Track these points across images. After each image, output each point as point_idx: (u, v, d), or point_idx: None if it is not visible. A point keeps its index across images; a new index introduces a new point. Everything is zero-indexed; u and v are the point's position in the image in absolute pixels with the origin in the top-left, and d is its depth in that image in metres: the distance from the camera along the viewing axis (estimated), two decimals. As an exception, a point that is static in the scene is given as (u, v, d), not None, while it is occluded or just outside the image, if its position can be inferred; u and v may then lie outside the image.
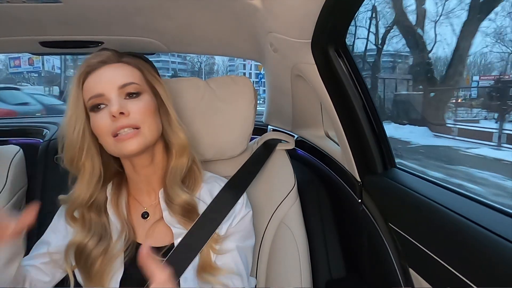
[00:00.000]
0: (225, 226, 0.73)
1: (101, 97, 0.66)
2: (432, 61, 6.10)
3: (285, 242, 0.91)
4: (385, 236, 0.77)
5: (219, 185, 0.78)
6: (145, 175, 0.73)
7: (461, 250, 0.56)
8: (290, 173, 0.96)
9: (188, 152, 0.74)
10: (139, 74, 0.71)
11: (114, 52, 0.71)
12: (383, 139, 0.83)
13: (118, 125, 0.64)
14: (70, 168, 0.71)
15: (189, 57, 30.62)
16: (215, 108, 0.90)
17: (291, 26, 0.68)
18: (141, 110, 0.66)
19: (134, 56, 0.74)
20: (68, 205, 0.72)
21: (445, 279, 0.58)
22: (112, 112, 0.63)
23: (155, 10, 0.80)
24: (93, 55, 0.70)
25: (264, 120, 1.34)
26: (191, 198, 0.72)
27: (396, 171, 0.84)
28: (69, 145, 0.69)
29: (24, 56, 13.34)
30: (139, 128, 0.65)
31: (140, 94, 0.68)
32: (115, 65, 0.69)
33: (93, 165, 0.70)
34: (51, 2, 0.74)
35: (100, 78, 0.67)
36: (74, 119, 0.67)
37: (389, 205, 0.79)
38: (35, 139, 1.36)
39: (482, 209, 0.60)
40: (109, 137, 0.65)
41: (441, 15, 5.83)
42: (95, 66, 0.68)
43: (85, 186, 0.70)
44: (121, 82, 0.66)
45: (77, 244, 0.70)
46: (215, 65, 30.04)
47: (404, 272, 0.72)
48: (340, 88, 0.78)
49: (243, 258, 0.73)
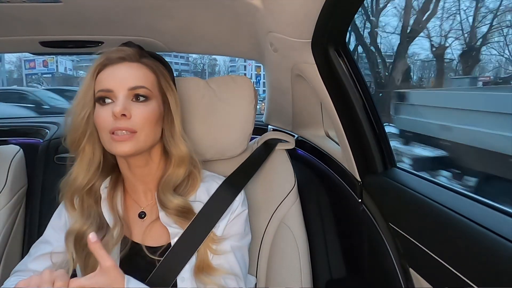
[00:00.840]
0: (222, 225, 0.73)
1: (109, 93, 0.67)
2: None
3: (285, 242, 0.91)
4: (385, 236, 0.77)
5: (216, 183, 0.77)
6: (140, 175, 0.73)
7: (462, 250, 0.56)
8: (290, 173, 0.96)
9: (186, 164, 0.73)
10: (154, 79, 0.71)
11: (137, 50, 0.72)
12: (383, 139, 0.83)
13: (117, 125, 0.64)
14: (70, 149, 0.72)
15: (192, 58, 31.46)
16: (215, 108, 0.90)
17: (291, 26, 0.68)
18: (143, 116, 0.66)
19: (155, 59, 0.74)
20: (66, 188, 0.72)
21: (445, 278, 0.58)
22: (115, 111, 0.64)
23: (155, 10, 0.80)
24: (115, 49, 0.71)
25: (264, 120, 1.34)
26: (184, 201, 0.72)
27: (397, 171, 0.84)
28: (73, 128, 0.70)
29: (38, 59, 13.74)
30: (136, 133, 0.66)
31: (148, 100, 0.68)
32: (133, 64, 0.70)
33: (93, 151, 0.71)
34: (51, 2, 0.74)
35: (114, 74, 0.68)
36: (82, 105, 0.68)
37: (390, 205, 0.79)
38: (35, 139, 1.36)
39: (483, 208, 0.60)
40: (106, 133, 0.66)
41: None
42: (113, 60, 0.69)
43: (84, 170, 0.71)
44: (133, 84, 0.67)
45: (76, 231, 0.70)
46: (217, 66, 30.49)
47: (404, 272, 0.72)
48: (340, 88, 0.78)
49: (239, 258, 0.73)
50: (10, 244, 1.11)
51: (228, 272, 0.70)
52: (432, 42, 7.51)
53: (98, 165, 0.72)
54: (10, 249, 1.10)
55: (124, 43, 0.75)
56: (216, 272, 0.69)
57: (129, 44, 0.74)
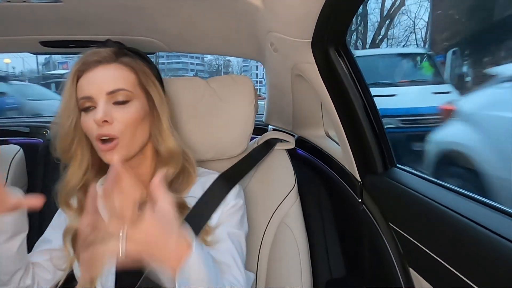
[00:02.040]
0: (216, 216, 0.72)
1: (90, 100, 0.66)
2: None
3: (285, 241, 0.91)
4: (386, 236, 0.77)
5: (211, 178, 0.77)
6: (135, 175, 0.73)
7: (462, 250, 0.56)
8: (290, 172, 0.96)
9: (176, 161, 0.72)
10: (133, 78, 0.69)
11: (114, 49, 0.70)
12: (383, 138, 0.83)
13: (100, 131, 0.65)
14: (62, 158, 0.72)
15: (207, 58, 33.19)
16: (215, 108, 0.90)
17: (291, 25, 0.68)
18: (125, 119, 0.66)
19: (135, 55, 0.72)
20: (61, 190, 0.72)
21: (446, 279, 0.58)
22: (95, 119, 0.64)
23: (156, 9, 0.81)
24: (91, 52, 0.69)
25: (264, 120, 1.34)
26: (177, 198, 0.71)
27: (397, 170, 0.83)
28: (62, 137, 0.70)
29: (71, 61, 14.06)
30: (118, 139, 0.65)
31: (128, 102, 0.67)
32: (110, 66, 0.68)
33: (82, 154, 0.71)
34: (52, 2, 0.74)
35: (92, 80, 0.67)
36: (67, 114, 0.68)
37: (390, 205, 0.79)
38: (35, 139, 1.36)
39: (483, 209, 0.60)
40: (94, 140, 0.67)
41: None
42: (90, 65, 0.67)
43: (76, 171, 0.71)
44: (111, 88, 0.66)
45: (74, 229, 0.70)
46: (230, 66, 31.07)
47: (405, 272, 0.72)
48: (341, 87, 0.78)
49: (237, 244, 0.71)
50: (10, 244, 1.11)
51: (228, 262, 0.68)
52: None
53: (87, 166, 0.72)
54: (10, 249, 1.10)
55: (103, 42, 0.74)
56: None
57: (107, 43, 0.73)
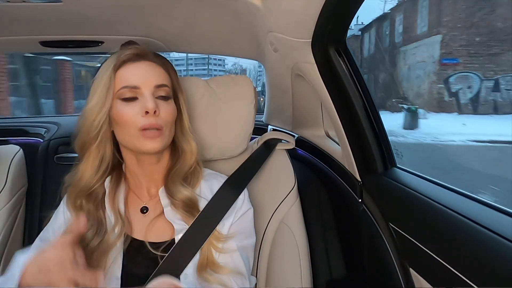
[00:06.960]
0: (227, 224, 0.73)
1: (136, 90, 0.67)
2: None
3: (285, 242, 0.91)
4: (386, 236, 0.77)
5: (218, 181, 0.78)
6: (150, 172, 0.75)
7: (462, 250, 0.56)
8: (290, 172, 0.96)
9: (195, 158, 0.76)
10: (169, 79, 0.73)
11: (147, 49, 0.73)
12: (383, 138, 0.83)
13: (148, 122, 0.66)
14: (80, 151, 0.71)
15: (227, 66, 38.64)
16: (215, 108, 0.90)
17: (291, 25, 0.68)
18: (168, 113, 0.69)
19: (164, 60, 0.75)
20: (71, 187, 0.72)
21: (446, 278, 0.58)
22: (148, 108, 0.65)
23: (155, 9, 0.81)
24: (130, 46, 0.71)
25: (264, 119, 1.34)
26: (192, 193, 0.73)
27: (397, 170, 0.84)
28: (86, 130, 0.69)
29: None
30: (162, 130, 0.67)
31: (169, 98, 0.71)
32: (152, 63, 0.71)
33: (104, 151, 0.71)
34: (51, 2, 0.74)
35: (138, 71, 0.68)
36: (100, 106, 0.67)
37: (390, 205, 0.79)
38: (35, 139, 1.36)
39: (483, 208, 0.60)
40: (135, 130, 0.66)
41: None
42: (132, 57, 0.69)
43: (90, 170, 0.71)
44: (158, 82, 0.68)
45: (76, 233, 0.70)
46: (247, 71, 33.31)
47: (405, 272, 0.72)
48: (340, 87, 0.78)
49: (244, 258, 0.73)
50: (10, 244, 1.11)
51: (234, 271, 0.70)
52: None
53: (106, 166, 0.72)
54: (10, 249, 1.10)
55: (126, 42, 0.75)
56: (222, 270, 0.69)
57: (132, 43, 0.74)
